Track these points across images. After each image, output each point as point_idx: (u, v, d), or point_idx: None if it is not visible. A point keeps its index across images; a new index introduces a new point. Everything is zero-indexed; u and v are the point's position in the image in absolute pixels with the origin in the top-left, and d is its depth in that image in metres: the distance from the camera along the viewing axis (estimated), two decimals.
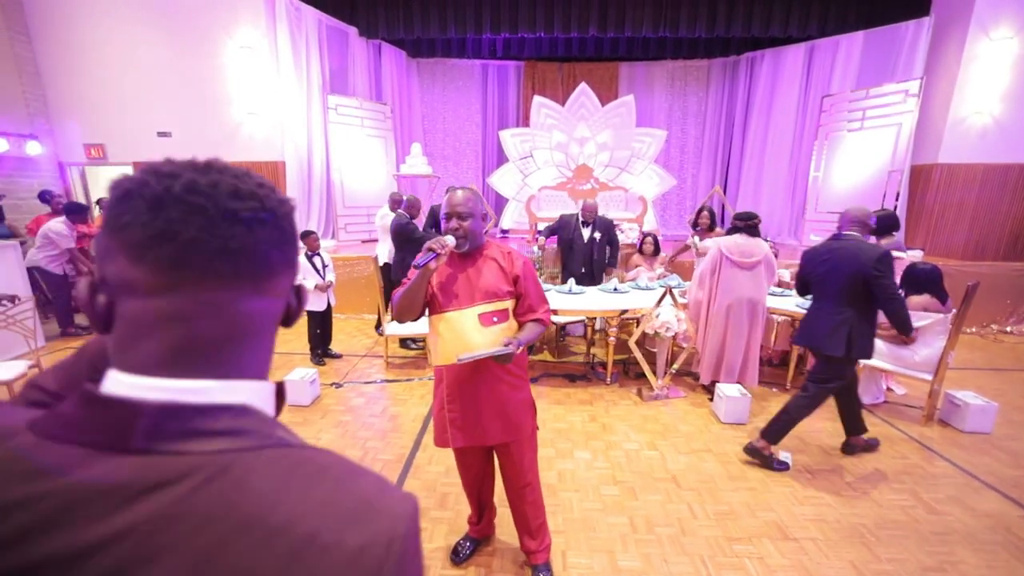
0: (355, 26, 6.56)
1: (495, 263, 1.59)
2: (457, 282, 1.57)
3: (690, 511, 2.24)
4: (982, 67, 5.23)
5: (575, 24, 6.46)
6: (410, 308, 1.53)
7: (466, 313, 1.54)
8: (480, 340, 1.52)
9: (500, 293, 1.56)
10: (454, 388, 1.61)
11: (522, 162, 7.13)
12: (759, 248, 3.20)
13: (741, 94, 7.79)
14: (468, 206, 1.53)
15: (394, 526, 0.34)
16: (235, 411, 0.37)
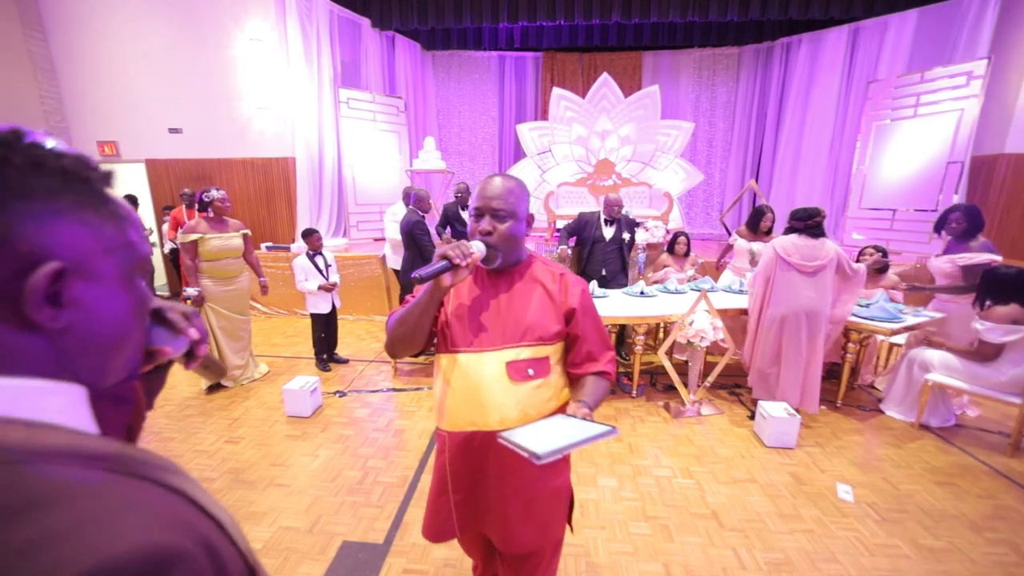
0: (368, 17, 6.35)
1: (541, 288, 1.10)
2: (482, 310, 1.07)
3: (736, 558, 1.90)
4: None
5: (597, 11, 6.09)
6: (408, 338, 1.06)
7: (488, 358, 1.04)
8: (505, 400, 1.05)
9: (545, 334, 1.07)
10: (461, 466, 1.11)
11: (540, 157, 6.81)
12: (824, 250, 2.79)
13: (775, 83, 7.28)
14: (508, 200, 1.04)
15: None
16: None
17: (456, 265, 0.95)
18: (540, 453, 0.79)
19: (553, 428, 0.91)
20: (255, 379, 3.65)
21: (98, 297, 0.38)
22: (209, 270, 3.33)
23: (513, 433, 0.89)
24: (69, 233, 0.35)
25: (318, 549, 1.94)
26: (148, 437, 2.82)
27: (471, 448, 1.09)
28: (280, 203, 5.99)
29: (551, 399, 1.10)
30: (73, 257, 0.35)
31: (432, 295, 1.00)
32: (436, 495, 1.18)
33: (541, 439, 0.85)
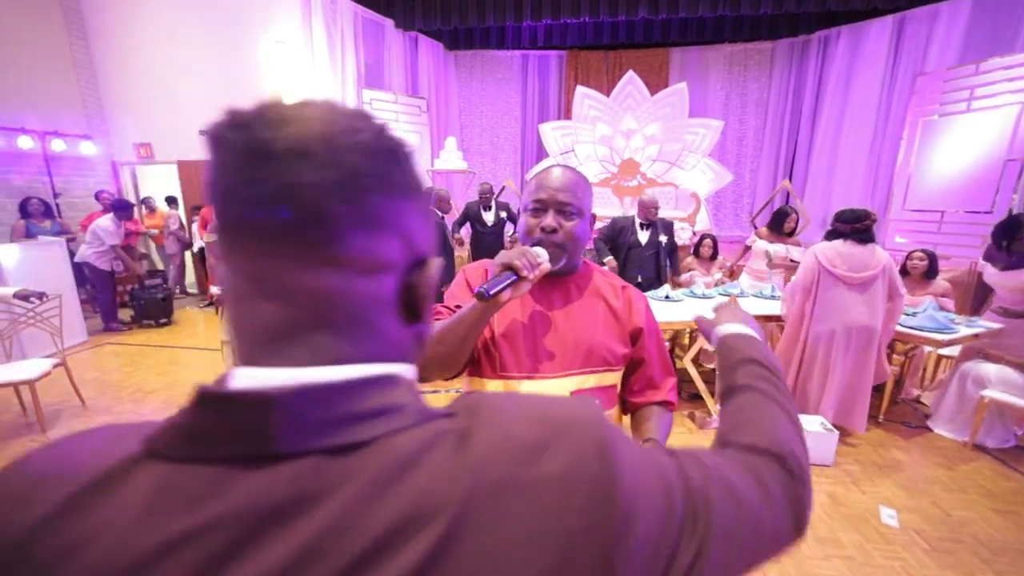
0: (391, 18, 6.38)
1: (603, 303, 0.95)
2: (537, 328, 0.91)
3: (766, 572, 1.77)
4: None
5: (623, 7, 5.95)
6: (448, 360, 0.87)
7: (550, 387, 0.89)
8: None
9: (611, 357, 0.92)
10: None
11: (563, 157, 6.70)
12: (875, 259, 2.49)
13: (811, 78, 6.95)
14: (576, 194, 0.89)
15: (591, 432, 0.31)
16: (382, 382, 0.30)
17: (522, 277, 0.79)
18: None
19: None
20: None
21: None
22: None
23: None
24: (431, 229, 0.37)
25: None
26: None
27: None
28: None
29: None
30: (430, 252, 0.37)
31: (485, 310, 0.81)
32: None
33: None
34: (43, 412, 2.89)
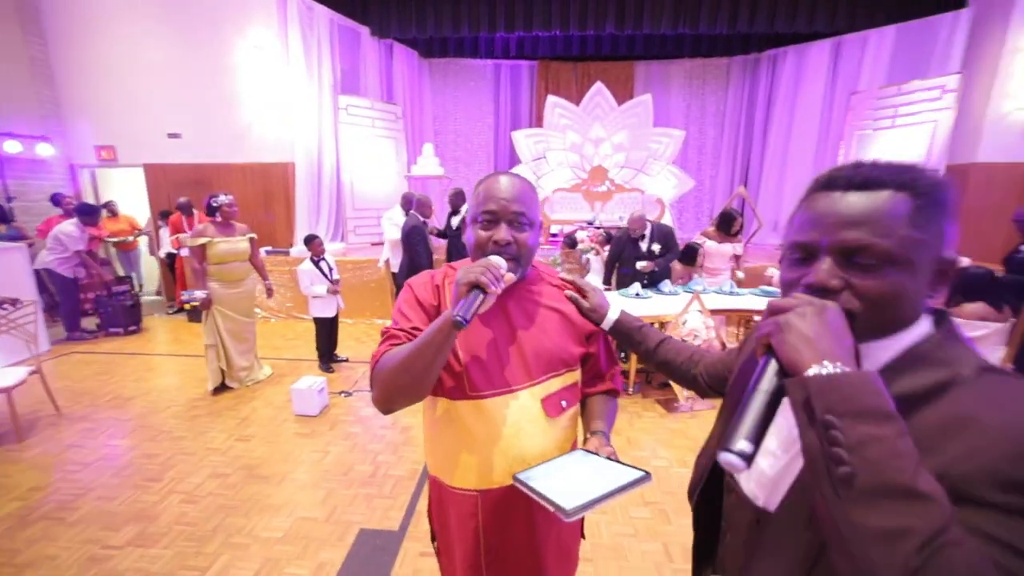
0: (367, 25, 6.47)
1: (556, 308, 0.95)
2: (499, 341, 0.89)
3: None
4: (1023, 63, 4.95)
5: (592, 21, 6.29)
6: (415, 387, 0.80)
7: (521, 397, 0.88)
8: (546, 442, 0.91)
9: (570, 358, 0.94)
10: (500, 527, 0.92)
11: (535, 163, 6.97)
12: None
13: (762, 93, 7.55)
14: (527, 204, 0.87)
15: None
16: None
17: (489, 292, 0.75)
18: (569, 509, 0.67)
19: (575, 470, 0.80)
20: (259, 380, 3.72)
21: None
22: (216, 273, 3.41)
23: (530, 476, 0.78)
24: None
25: (336, 536, 2.04)
26: (158, 436, 2.88)
27: (512, 503, 0.89)
28: (279, 208, 6.06)
29: (576, 427, 1.00)
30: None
31: (451, 333, 0.75)
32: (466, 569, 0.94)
33: (565, 487, 0.74)
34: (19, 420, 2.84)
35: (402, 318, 0.89)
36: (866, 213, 0.50)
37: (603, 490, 0.71)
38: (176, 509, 2.23)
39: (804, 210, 0.56)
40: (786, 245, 0.57)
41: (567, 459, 0.84)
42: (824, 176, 0.56)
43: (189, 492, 2.35)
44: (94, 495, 2.33)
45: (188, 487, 2.39)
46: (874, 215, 0.50)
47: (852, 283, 0.51)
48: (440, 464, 0.95)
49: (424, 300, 0.91)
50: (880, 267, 0.49)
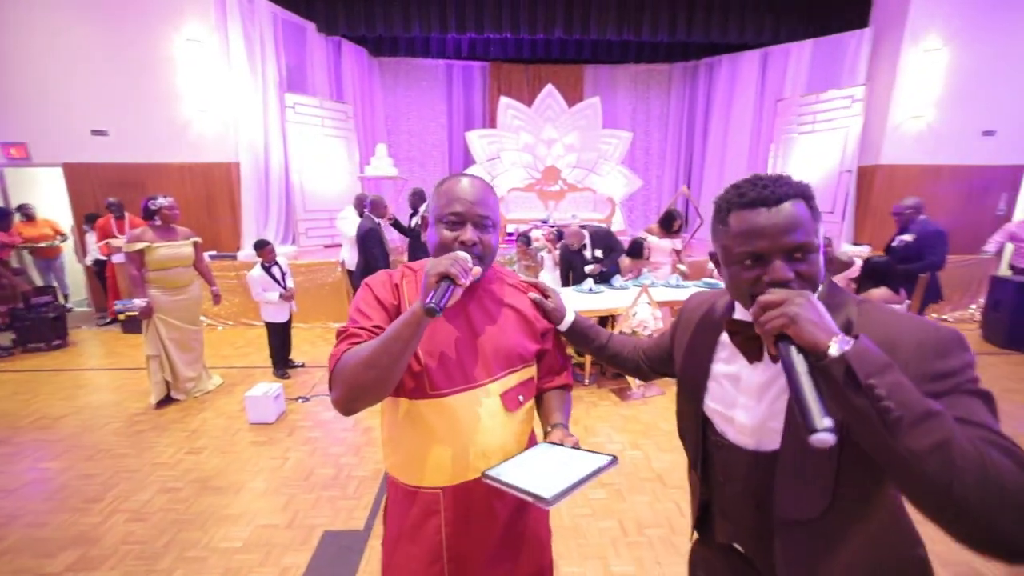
0: (313, 21, 6.28)
1: (512, 306, 0.99)
2: (460, 339, 0.91)
3: (678, 509, 2.23)
4: (916, 75, 5.63)
5: (541, 25, 6.46)
6: (381, 384, 0.79)
7: (481, 394, 0.91)
8: (505, 435, 0.93)
9: (527, 354, 0.98)
10: (462, 523, 0.93)
11: (489, 164, 7.06)
12: None
13: (701, 98, 8.05)
14: (490, 206, 0.91)
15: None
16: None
17: (459, 284, 0.76)
18: (549, 498, 0.69)
19: (543, 461, 0.83)
20: (209, 391, 3.56)
21: None
22: (157, 280, 3.23)
23: (500, 471, 0.80)
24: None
25: (300, 541, 2.03)
26: (96, 456, 2.71)
27: (474, 498, 0.92)
28: (223, 210, 5.76)
29: (532, 420, 1.04)
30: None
31: (420, 325, 0.76)
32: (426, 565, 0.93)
33: (538, 477, 0.76)
34: None
35: (362, 317, 0.88)
36: (792, 221, 0.65)
37: (577, 476, 0.73)
38: (122, 528, 2.12)
39: (737, 224, 0.69)
40: (733, 254, 0.69)
41: (533, 452, 0.88)
42: (734, 195, 0.70)
43: (136, 510, 2.24)
44: (22, 522, 2.16)
45: (134, 505, 2.27)
46: (796, 221, 0.65)
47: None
48: (402, 464, 0.94)
49: (384, 299, 0.91)
50: (807, 256, 0.66)
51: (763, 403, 0.73)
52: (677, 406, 0.91)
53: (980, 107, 5.71)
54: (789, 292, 0.62)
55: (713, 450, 0.81)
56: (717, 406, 0.80)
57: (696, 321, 0.88)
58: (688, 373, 0.86)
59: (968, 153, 5.82)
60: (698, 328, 0.87)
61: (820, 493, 0.67)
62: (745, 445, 0.75)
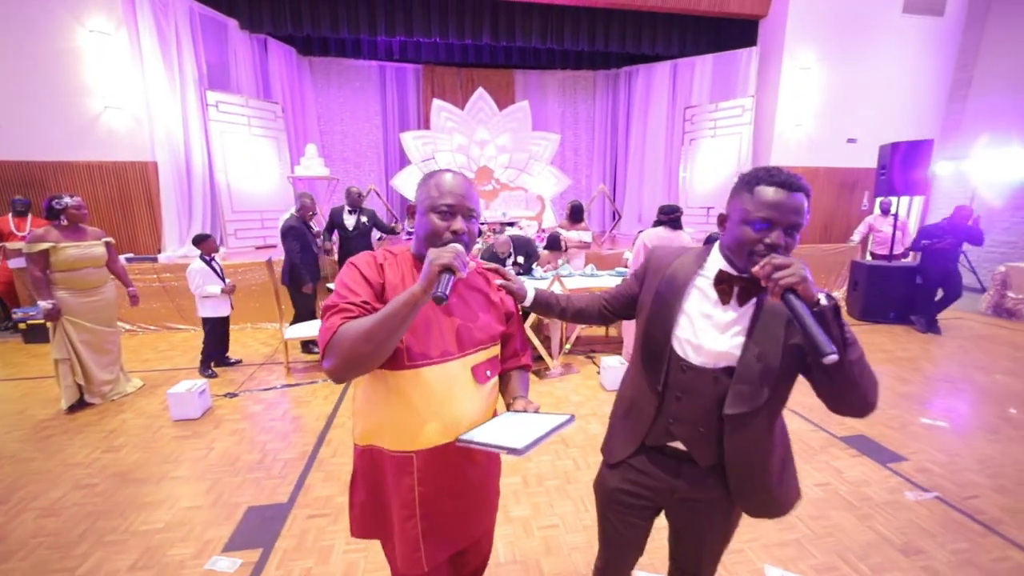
0: (235, 18, 6.13)
1: (481, 291, 1.11)
2: (436, 317, 1.01)
3: (575, 464, 2.58)
4: (794, 89, 6.51)
5: (469, 31, 6.73)
6: (376, 356, 0.88)
7: (455, 366, 1.01)
8: (475, 405, 1.05)
9: (494, 334, 1.09)
10: (431, 484, 1.03)
11: (424, 164, 7.22)
12: (683, 241, 3.39)
13: (623, 103, 8.69)
14: (476, 200, 1.03)
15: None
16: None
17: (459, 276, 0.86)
18: (520, 447, 0.80)
19: (510, 424, 0.93)
20: (127, 393, 3.49)
21: None
22: (65, 281, 3.14)
23: (473, 435, 0.92)
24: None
25: (223, 517, 2.15)
26: (0, 463, 2.62)
27: (445, 460, 1.03)
28: (140, 211, 5.51)
29: (496, 395, 1.15)
30: None
31: (417, 306, 0.86)
32: (403, 520, 1.04)
33: (508, 435, 0.87)
34: None
35: (351, 293, 0.94)
36: (800, 207, 0.88)
37: (543, 431, 0.85)
38: (32, 525, 2.12)
39: (757, 195, 0.89)
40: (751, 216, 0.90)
41: (499, 419, 0.99)
42: (765, 175, 0.91)
43: (47, 507, 2.23)
44: None
45: (45, 503, 2.26)
46: (801, 208, 0.89)
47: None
48: (377, 431, 1.03)
49: (370, 277, 0.98)
50: (794, 234, 0.90)
51: (727, 335, 0.97)
52: (644, 339, 1.10)
53: (845, 118, 6.70)
54: (793, 259, 0.82)
55: (675, 371, 1.02)
56: (687, 336, 1.01)
57: (666, 270, 1.08)
58: (660, 311, 1.06)
59: (838, 157, 6.81)
60: (669, 276, 1.07)
61: (762, 393, 0.96)
62: (705, 365, 0.99)
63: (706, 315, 1.00)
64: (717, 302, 0.99)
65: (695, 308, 1.02)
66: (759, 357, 0.95)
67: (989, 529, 2.07)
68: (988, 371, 3.93)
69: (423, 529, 1.03)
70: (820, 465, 2.57)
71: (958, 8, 6.75)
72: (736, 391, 0.97)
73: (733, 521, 1.13)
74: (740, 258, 0.94)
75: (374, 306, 0.94)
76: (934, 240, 4.83)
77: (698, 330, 1.00)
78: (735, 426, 0.99)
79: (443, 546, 1.06)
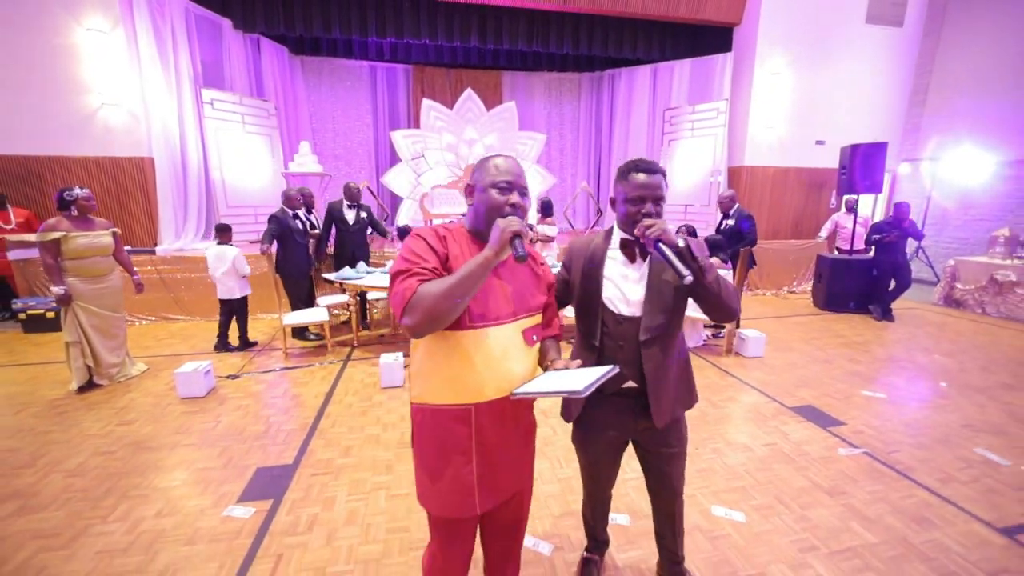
0: (229, 18, 6.30)
1: (526, 266, 1.23)
2: (493, 286, 1.13)
3: (552, 431, 2.87)
4: (766, 94, 6.89)
5: (458, 34, 6.98)
6: (454, 311, 1.00)
7: (509, 329, 1.13)
8: (525, 365, 1.16)
9: (538, 304, 1.22)
10: (487, 433, 1.14)
11: (414, 162, 7.46)
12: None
13: (606, 104, 9.02)
14: (525, 179, 1.15)
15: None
16: None
17: (525, 239, 1.03)
18: (580, 388, 0.90)
19: (559, 378, 1.04)
20: (133, 376, 3.69)
21: None
22: (75, 268, 3.33)
23: (527, 387, 1.03)
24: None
25: (235, 476, 2.39)
26: (17, 435, 2.81)
27: (502, 412, 1.14)
28: (136, 205, 5.66)
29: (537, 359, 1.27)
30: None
31: (489, 267, 0.99)
32: (461, 466, 1.14)
33: (563, 384, 0.98)
34: None
35: (422, 260, 1.05)
36: (659, 184, 1.26)
37: (595, 376, 0.96)
38: (60, 483, 2.33)
39: (631, 180, 1.26)
40: (630, 196, 1.25)
41: (545, 376, 1.10)
42: (634, 165, 1.27)
43: (71, 470, 2.44)
44: None
45: (70, 466, 2.47)
46: (661, 185, 1.26)
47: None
48: (437, 388, 1.13)
49: (436, 248, 1.09)
50: (660, 204, 1.26)
51: (640, 284, 1.31)
52: (579, 307, 1.41)
53: (814, 121, 7.12)
54: (658, 220, 1.19)
55: (612, 326, 1.32)
56: (616, 295, 1.32)
57: (585, 251, 1.39)
58: (589, 282, 1.36)
59: (807, 158, 7.22)
60: (589, 255, 1.38)
61: (665, 319, 1.30)
62: (632, 313, 1.30)
63: (623, 275, 1.33)
64: (626, 262, 1.33)
65: (613, 272, 1.34)
66: (658, 293, 1.30)
67: (903, 475, 2.41)
68: (929, 352, 4.33)
69: (478, 474, 1.14)
70: (770, 429, 2.90)
71: (916, 19, 7.21)
72: (646, 323, 1.30)
73: (683, 441, 1.47)
74: (629, 227, 1.29)
75: (441, 273, 1.05)
76: (883, 235, 5.24)
77: (620, 287, 1.32)
78: (648, 349, 1.31)
79: (494, 492, 1.18)
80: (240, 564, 1.81)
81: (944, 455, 2.60)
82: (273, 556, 1.86)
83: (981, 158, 6.68)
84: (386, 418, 3.02)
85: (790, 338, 4.70)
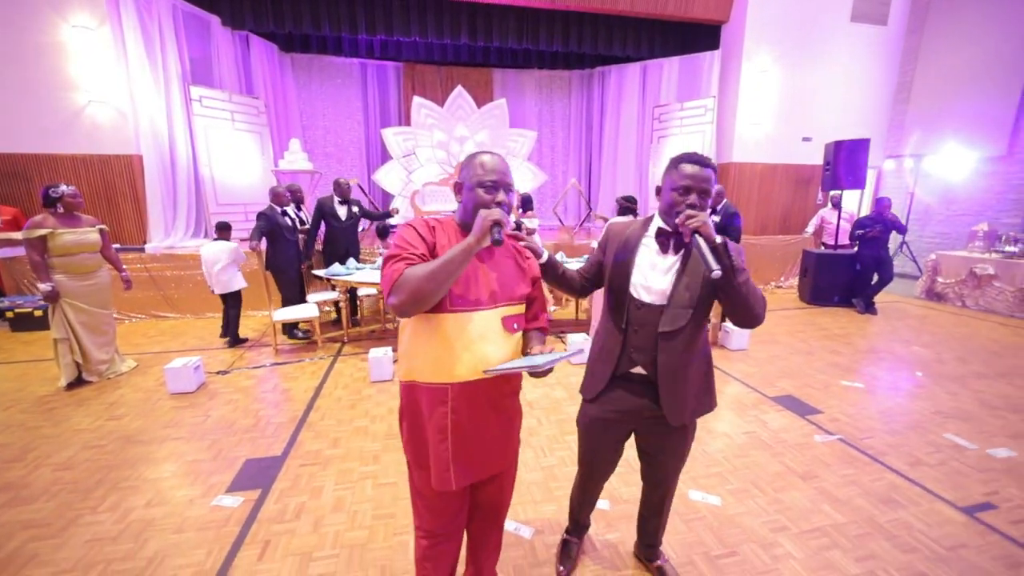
0: (217, 15, 6.28)
1: (512, 256, 1.30)
2: (477, 274, 1.20)
3: (537, 422, 2.93)
4: (753, 91, 6.97)
5: (448, 32, 7.00)
6: (436, 293, 1.07)
7: (490, 315, 1.19)
8: (503, 350, 1.21)
9: (521, 295, 1.27)
10: (463, 413, 1.20)
11: (405, 159, 7.47)
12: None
13: (596, 101, 9.08)
14: (510, 176, 1.21)
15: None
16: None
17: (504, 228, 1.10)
18: (539, 363, 1.02)
19: (529, 359, 1.13)
20: (122, 373, 3.70)
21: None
22: (63, 265, 3.34)
23: (498, 366, 1.11)
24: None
25: (224, 467, 2.43)
26: (7, 430, 2.82)
27: (476, 392, 1.20)
28: (125, 203, 5.65)
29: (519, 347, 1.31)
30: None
31: (471, 253, 1.06)
32: (437, 443, 1.20)
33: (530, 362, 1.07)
34: None
35: (411, 246, 1.14)
36: (708, 178, 1.26)
37: (556, 356, 1.08)
38: (50, 476, 2.36)
39: (680, 170, 1.26)
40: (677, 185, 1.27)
41: (520, 359, 1.19)
42: (686, 156, 1.29)
43: (61, 463, 2.47)
44: None
45: (60, 460, 2.50)
46: (710, 178, 1.27)
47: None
48: (420, 367, 1.20)
49: (425, 236, 1.18)
50: (706, 197, 1.27)
51: (667, 276, 1.33)
52: (609, 289, 1.45)
53: (800, 117, 7.21)
54: (700, 212, 1.22)
55: (633, 311, 1.36)
56: (641, 282, 1.36)
57: (621, 237, 1.43)
58: (620, 267, 1.40)
59: (794, 154, 7.32)
60: (625, 241, 1.41)
61: (686, 315, 1.32)
62: (655, 302, 1.33)
63: (652, 264, 1.36)
64: (659, 252, 1.35)
65: (644, 260, 1.37)
66: (686, 287, 1.32)
67: (874, 459, 2.50)
68: (908, 344, 4.44)
69: (453, 451, 1.19)
70: (749, 418, 2.98)
71: (900, 17, 7.33)
72: (668, 314, 1.33)
73: (688, 440, 1.49)
74: (671, 216, 1.29)
75: (428, 259, 1.13)
76: (866, 230, 5.35)
77: (647, 276, 1.35)
78: (666, 341, 1.34)
79: (470, 470, 1.23)
80: (228, 550, 1.86)
81: (914, 440, 2.69)
82: (260, 542, 1.90)
83: (963, 154, 6.81)
84: (375, 411, 3.07)
85: (775, 331, 4.80)
